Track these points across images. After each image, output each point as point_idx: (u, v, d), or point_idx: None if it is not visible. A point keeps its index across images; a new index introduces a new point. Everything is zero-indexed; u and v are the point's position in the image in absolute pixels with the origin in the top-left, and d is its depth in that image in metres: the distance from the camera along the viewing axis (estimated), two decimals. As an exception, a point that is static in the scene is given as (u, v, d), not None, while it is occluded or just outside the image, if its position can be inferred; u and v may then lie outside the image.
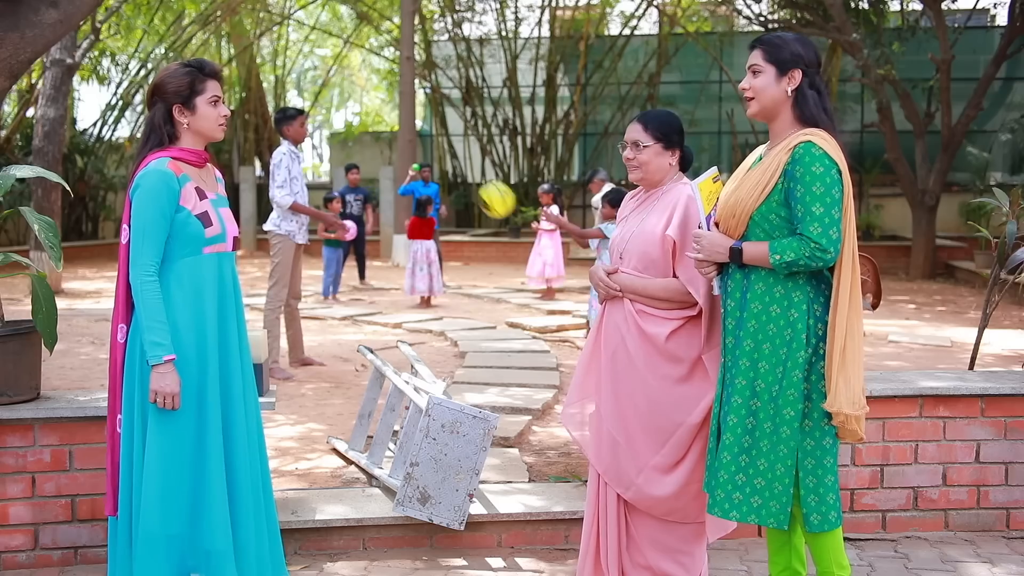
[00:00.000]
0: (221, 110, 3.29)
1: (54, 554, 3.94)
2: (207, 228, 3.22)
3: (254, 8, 22.39)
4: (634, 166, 3.50)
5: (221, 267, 3.29)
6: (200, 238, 3.21)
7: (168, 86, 3.23)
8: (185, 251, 3.20)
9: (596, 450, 3.45)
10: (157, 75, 3.30)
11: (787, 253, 3.02)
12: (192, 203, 3.21)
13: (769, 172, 3.11)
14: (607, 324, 3.48)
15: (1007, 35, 15.37)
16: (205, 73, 3.27)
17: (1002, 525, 4.41)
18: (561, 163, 22.73)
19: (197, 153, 3.29)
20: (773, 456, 3.08)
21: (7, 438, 3.85)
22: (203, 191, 3.26)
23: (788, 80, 3.14)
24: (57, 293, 12.29)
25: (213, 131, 3.29)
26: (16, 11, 4.94)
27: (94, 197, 20.51)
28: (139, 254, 3.14)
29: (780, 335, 3.08)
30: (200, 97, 3.24)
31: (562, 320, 10.43)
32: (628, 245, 3.48)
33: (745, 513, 3.11)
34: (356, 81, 37.13)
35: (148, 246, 3.14)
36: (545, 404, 6.47)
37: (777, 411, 3.08)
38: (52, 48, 11.03)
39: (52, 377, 7.18)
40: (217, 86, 3.29)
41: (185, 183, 3.21)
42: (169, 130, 3.25)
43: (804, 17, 16.62)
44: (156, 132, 3.24)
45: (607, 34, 22.88)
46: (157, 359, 3.09)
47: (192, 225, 3.19)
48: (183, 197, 3.19)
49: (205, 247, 3.23)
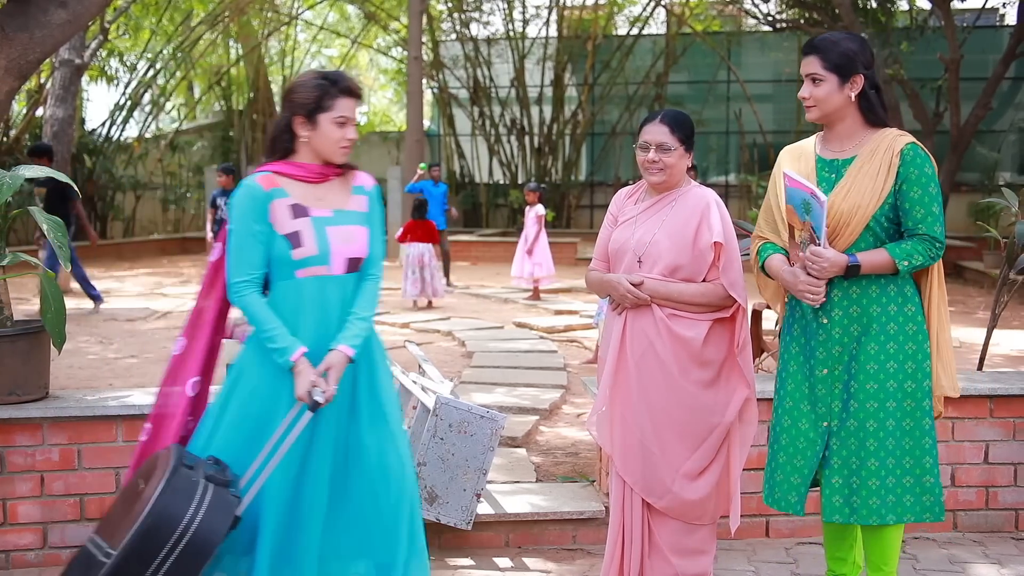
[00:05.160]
0: (347, 132, 2.99)
1: (63, 553, 3.94)
2: (295, 249, 2.93)
3: (262, 8, 22.42)
4: (658, 168, 3.38)
5: (325, 293, 2.98)
6: (288, 260, 2.94)
7: (295, 95, 2.99)
8: (279, 274, 2.97)
9: (624, 461, 3.40)
10: (294, 80, 3.08)
11: (914, 257, 3.10)
12: (282, 222, 2.94)
13: (882, 175, 3.13)
14: (632, 331, 3.38)
15: (1016, 34, 15.33)
16: (338, 89, 2.98)
17: (1011, 526, 4.40)
18: (569, 163, 22.73)
19: (309, 168, 3.00)
20: (920, 451, 3.16)
21: (16, 437, 3.86)
22: (305, 208, 2.96)
23: (851, 86, 3.17)
24: (66, 293, 12.31)
25: (332, 153, 3.00)
26: (25, 11, 4.95)
27: (102, 197, 20.55)
28: (231, 271, 2.94)
29: (903, 332, 3.14)
30: (325, 114, 2.96)
31: (570, 320, 10.42)
32: (651, 249, 3.37)
33: (901, 513, 3.15)
34: (364, 81, 37.11)
35: (239, 263, 2.93)
36: (552, 404, 6.46)
37: (917, 405, 3.15)
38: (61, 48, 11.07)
39: (61, 376, 7.20)
40: (349, 105, 2.99)
41: (276, 199, 2.94)
42: (287, 141, 3.02)
43: (812, 17, 16.61)
44: (276, 141, 3.03)
45: (615, 34, 22.88)
46: (287, 363, 2.89)
47: (280, 246, 2.94)
48: (271, 214, 2.94)
49: (297, 270, 2.95)
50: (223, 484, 2.77)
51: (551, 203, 19.94)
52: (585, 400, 6.66)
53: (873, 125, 3.21)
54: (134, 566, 2.61)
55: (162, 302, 12.36)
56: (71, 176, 14.86)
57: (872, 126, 3.21)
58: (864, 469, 3.14)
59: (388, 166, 21.47)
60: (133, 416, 3.93)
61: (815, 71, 3.16)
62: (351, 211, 3.04)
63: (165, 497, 2.65)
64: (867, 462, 3.13)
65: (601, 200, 22.25)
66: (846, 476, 3.15)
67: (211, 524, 2.67)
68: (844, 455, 3.15)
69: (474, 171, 23.62)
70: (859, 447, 3.14)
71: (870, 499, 3.13)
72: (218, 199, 12.88)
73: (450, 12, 22.92)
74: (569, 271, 15.07)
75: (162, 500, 2.64)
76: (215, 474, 2.78)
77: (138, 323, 10.55)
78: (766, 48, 22.10)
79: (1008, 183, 17.24)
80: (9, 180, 3.76)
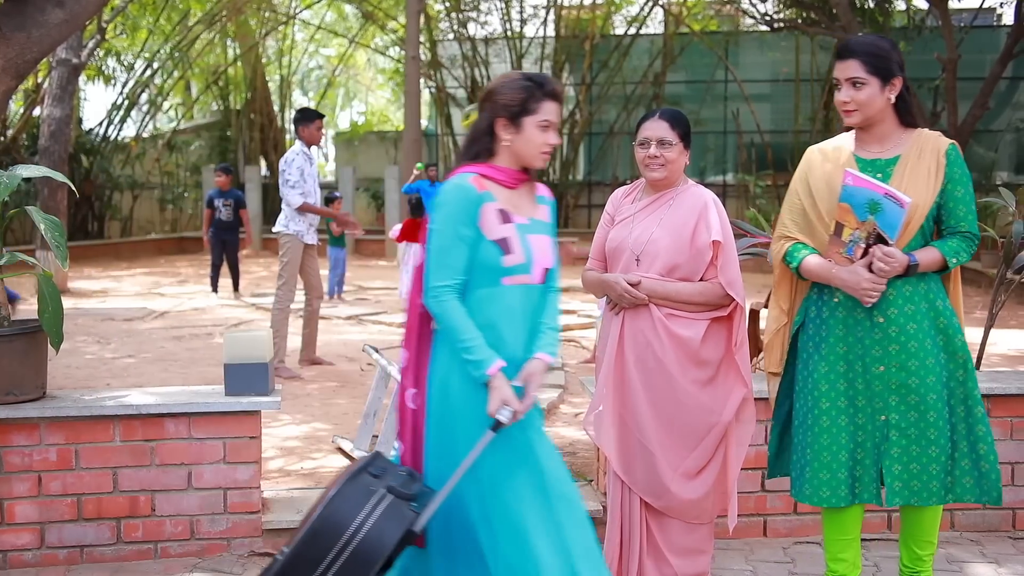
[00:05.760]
0: (549, 137, 2.90)
1: (60, 553, 3.94)
2: (505, 256, 2.84)
3: (260, 8, 22.41)
4: (658, 164, 3.39)
5: (526, 302, 2.90)
6: (496, 267, 2.84)
7: (499, 96, 2.90)
8: (482, 280, 2.85)
9: (622, 461, 3.41)
10: (497, 79, 2.98)
11: (960, 254, 3.21)
12: (491, 226, 2.84)
13: (932, 175, 3.20)
14: (630, 331, 3.39)
15: (1013, 34, 15.33)
16: (543, 92, 2.90)
17: (1008, 525, 4.40)
18: (567, 163, 22.73)
19: (509, 172, 2.92)
20: (975, 436, 3.26)
21: (13, 437, 3.86)
22: (509, 214, 2.88)
23: (891, 88, 3.21)
24: (63, 292, 12.28)
25: (534, 158, 2.92)
26: (22, 11, 4.95)
27: (100, 197, 20.54)
28: (430, 274, 2.82)
29: (951, 324, 3.24)
30: (530, 117, 2.87)
31: (567, 320, 10.40)
32: (648, 248, 3.38)
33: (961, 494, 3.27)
34: (361, 81, 37.15)
35: (441, 266, 2.81)
36: (550, 404, 6.46)
37: (969, 394, 3.25)
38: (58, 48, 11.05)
39: (58, 376, 7.20)
40: (554, 109, 2.90)
41: (486, 202, 2.84)
42: (488, 143, 2.93)
43: (810, 17, 16.61)
44: (477, 142, 2.93)
45: (612, 33, 22.87)
46: (483, 376, 2.76)
47: (488, 251, 2.83)
48: (481, 218, 2.83)
49: (504, 277, 2.85)
50: (405, 497, 2.68)
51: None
52: (583, 400, 6.66)
53: (908, 126, 3.28)
54: (301, 568, 2.59)
55: (159, 302, 12.35)
56: (68, 176, 14.85)
57: (907, 126, 3.28)
58: (925, 455, 3.22)
59: (386, 166, 21.48)
60: (131, 416, 3.93)
61: (857, 75, 3.17)
62: (540, 220, 2.98)
63: (337, 502, 2.62)
64: (928, 449, 3.21)
65: (599, 200, 22.24)
66: (906, 463, 3.23)
67: (379, 534, 2.60)
68: (904, 444, 3.22)
69: (472, 171, 23.59)
70: (919, 436, 3.21)
71: (931, 483, 3.23)
72: (215, 199, 12.90)
73: (448, 12, 22.91)
74: (567, 270, 15.03)
75: (332, 505, 2.62)
76: (399, 485, 2.70)
77: (135, 323, 10.54)
78: (764, 48, 22.10)
79: (1005, 183, 17.25)
80: (6, 180, 3.76)
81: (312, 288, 7.77)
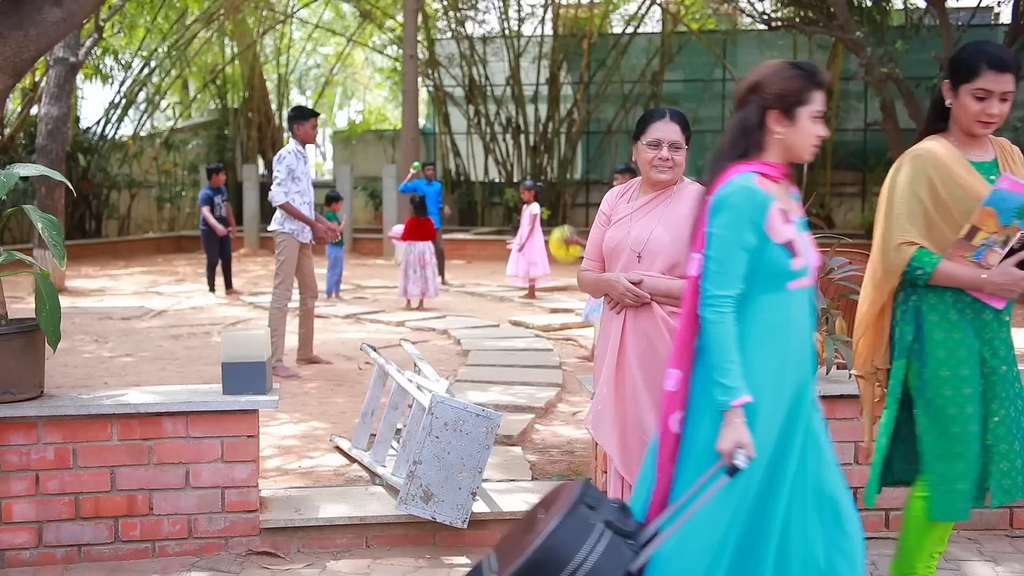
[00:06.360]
0: (819, 129, 2.79)
1: (58, 552, 3.94)
2: (793, 259, 2.71)
3: (257, 6, 22.40)
4: (668, 167, 3.40)
5: (807, 306, 2.78)
6: (784, 271, 2.71)
7: (771, 86, 2.77)
8: (766, 286, 2.71)
9: (624, 459, 3.40)
10: (759, 70, 2.85)
11: None
12: (777, 228, 2.70)
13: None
14: (632, 330, 3.38)
15: (1011, 33, 15.33)
16: (815, 81, 2.77)
17: (1005, 524, 4.41)
18: (564, 161, 22.73)
19: (780, 168, 2.80)
20: None
21: (11, 436, 3.86)
22: (787, 214, 2.74)
23: None
24: (60, 291, 12.28)
25: (805, 151, 2.79)
26: (20, 9, 4.95)
27: (97, 195, 20.53)
28: (710, 282, 2.68)
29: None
30: (804, 108, 2.75)
31: (565, 318, 10.42)
32: (649, 246, 3.38)
33: None
34: (359, 79, 37.16)
35: (723, 274, 2.67)
36: (548, 402, 6.47)
37: None
38: (55, 46, 11.06)
39: (55, 375, 7.19)
40: (824, 100, 2.79)
41: (771, 204, 2.71)
42: (758, 137, 2.78)
43: (808, 15, 16.61)
44: (746, 137, 2.78)
45: (610, 32, 22.88)
46: (725, 404, 2.61)
47: (775, 255, 2.69)
48: (768, 220, 2.69)
49: (790, 282, 2.72)
50: (622, 533, 2.57)
51: (546, 201, 19.94)
52: (580, 398, 6.67)
53: None
54: None
55: (157, 300, 12.35)
56: (66, 175, 14.84)
57: None
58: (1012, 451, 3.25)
59: (383, 164, 21.48)
60: (128, 415, 3.93)
61: (1010, 89, 3.23)
62: (803, 217, 2.86)
63: (559, 533, 2.50)
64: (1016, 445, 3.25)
65: (596, 199, 22.24)
66: (1012, 460, 3.25)
67: (600, 571, 2.47)
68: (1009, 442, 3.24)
69: (469, 169, 23.61)
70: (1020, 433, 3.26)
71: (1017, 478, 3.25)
72: (214, 197, 12.95)
73: (445, 10, 22.90)
74: (565, 269, 15.06)
75: (556, 536, 2.49)
76: (615, 520, 2.58)
77: (133, 322, 10.53)
78: (762, 47, 22.09)
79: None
80: (3, 178, 3.76)
81: (307, 287, 7.76)
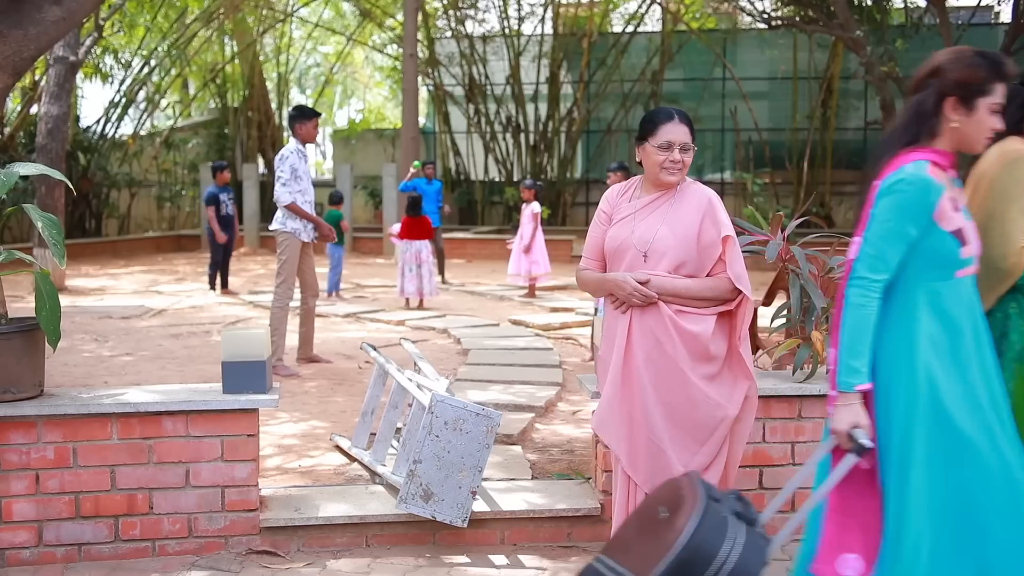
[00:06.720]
0: (996, 122, 2.73)
1: (58, 551, 3.94)
2: (963, 247, 2.70)
3: (257, 5, 22.40)
4: (678, 168, 3.39)
5: (976, 293, 2.77)
6: (954, 259, 2.70)
7: (952, 72, 2.71)
8: (934, 274, 2.70)
9: (631, 460, 3.41)
10: (942, 54, 2.78)
11: None
12: (947, 217, 2.68)
13: None
14: (639, 329, 3.37)
15: (1011, 32, 15.34)
16: (999, 73, 2.71)
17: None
18: (564, 160, 22.74)
19: (951, 158, 2.76)
20: None
21: (11, 435, 3.86)
22: (956, 202, 2.73)
23: None
24: (60, 290, 12.30)
25: (977, 143, 2.77)
26: (20, 8, 4.95)
27: (97, 194, 20.53)
28: (863, 263, 2.69)
29: None
30: (984, 99, 2.70)
31: (565, 317, 10.42)
32: (655, 245, 3.37)
33: None
34: (359, 78, 37.13)
35: (878, 258, 2.67)
36: (548, 401, 6.47)
37: None
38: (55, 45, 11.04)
39: (55, 374, 7.19)
40: (1003, 93, 2.73)
41: (943, 193, 2.69)
42: (933, 124, 2.73)
43: (808, 14, 16.61)
44: (919, 122, 2.74)
45: (610, 31, 22.89)
46: (847, 386, 2.66)
47: (946, 244, 2.68)
48: (938, 211, 2.67)
49: (958, 270, 2.72)
50: (750, 522, 2.61)
51: (547, 200, 19.96)
52: (580, 398, 6.67)
53: None
54: None
55: (157, 299, 12.34)
56: (66, 173, 14.85)
57: None
58: None
59: (383, 163, 21.47)
60: (128, 414, 3.93)
61: None
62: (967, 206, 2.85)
63: (702, 531, 2.51)
64: None
65: (596, 197, 22.20)
66: None
67: (745, 564, 2.51)
68: None
69: (469, 168, 23.62)
70: None
71: None
72: (220, 195, 12.94)
73: (445, 9, 22.91)
74: (565, 268, 15.07)
75: (700, 534, 2.51)
76: (741, 511, 2.62)
77: (133, 321, 10.53)
78: (762, 46, 22.11)
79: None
80: (3, 177, 3.76)
81: (308, 286, 7.76)
